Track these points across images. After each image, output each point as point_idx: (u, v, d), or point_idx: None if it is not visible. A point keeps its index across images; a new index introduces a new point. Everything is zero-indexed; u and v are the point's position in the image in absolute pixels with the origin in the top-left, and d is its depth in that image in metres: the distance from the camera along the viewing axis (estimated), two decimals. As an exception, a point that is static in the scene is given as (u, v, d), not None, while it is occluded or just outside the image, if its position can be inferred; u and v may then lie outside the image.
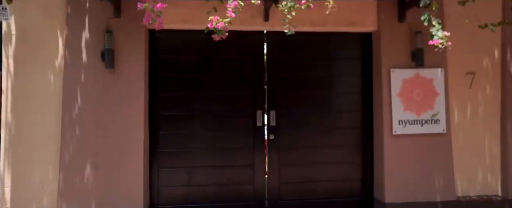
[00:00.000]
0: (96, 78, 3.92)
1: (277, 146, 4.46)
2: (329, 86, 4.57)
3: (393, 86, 4.26)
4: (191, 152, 4.33)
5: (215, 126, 4.35)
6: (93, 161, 3.88)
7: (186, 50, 4.36)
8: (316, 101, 4.53)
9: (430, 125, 4.27)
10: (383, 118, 4.28)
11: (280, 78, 4.48)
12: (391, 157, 4.26)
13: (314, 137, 4.50)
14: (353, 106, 4.59)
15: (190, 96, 4.34)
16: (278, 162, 4.48)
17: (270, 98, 4.46)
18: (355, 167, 4.59)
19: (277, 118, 4.44)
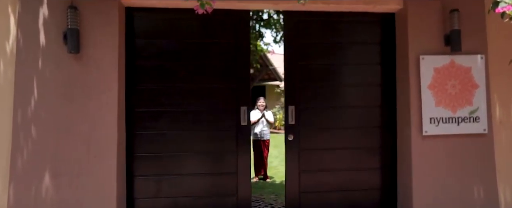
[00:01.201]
0: (58, 65, 3.17)
1: (297, 148, 3.73)
2: (343, 77, 3.82)
3: (422, 76, 3.50)
4: (170, 156, 3.59)
5: (189, 126, 3.62)
6: (54, 168, 3.12)
7: (171, 34, 3.62)
8: (336, 94, 3.82)
9: (468, 124, 3.51)
10: (411, 115, 3.52)
11: (300, 67, 3.75)
12: (421, 162, 3.51)
13: (336, 138, 3.79)
14: (372, 101, 3.84)
15: (173, 89, 3.60)
16: (299, 168, 3.76)
17: (289, 91, 3.73)
18: (373, 174, 3.84)
19: (297, 115, 3.70)
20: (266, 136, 6.91)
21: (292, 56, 3.74)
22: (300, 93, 3.73)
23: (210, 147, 3.62)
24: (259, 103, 6.95)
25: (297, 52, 3.74)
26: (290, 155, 3.73)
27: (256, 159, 6.90)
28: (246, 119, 3.61)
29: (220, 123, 3.62)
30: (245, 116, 3.61)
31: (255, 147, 6.92)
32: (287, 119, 3.71)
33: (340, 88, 3.82)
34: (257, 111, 6.93)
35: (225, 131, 3.62)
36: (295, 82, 3.73)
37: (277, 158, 9.38)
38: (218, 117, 3.62)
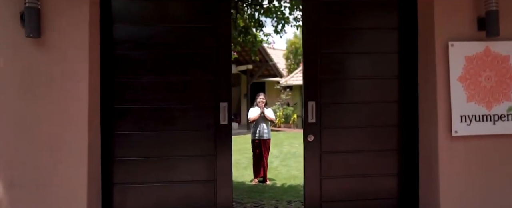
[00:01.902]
0: (14, 52, 2.62)
1: (318, 151, 3.22)
2: (364, 68, 3.30)
3: (452, 66, 2.96)
4: (134, 161, 3.07)
5: (160, 125, 3.10)
6: (8, 177, 2.59)
7: (140, 17, 3.09)
8: (358, 88, 3.31)
9: (506, 123, 2.97)
10: (438, 112, 2.98)
11: (322, 56, 3.23)
12: (450, 168, 2.97)
13: (359, 138, 3.30)
14: (388, 96, 3.31)
15: (138, 84, 3.08)
16: (320, 174, 3.24)
17: (309, 84, 3.22)
18: (388, 181, 3.31)
19: (318, 113, 3.19)
20: (267, 136, 6.37)
21: (312, 44, 3.22)
22: (322, 87, 3.22)
23: (183, 150, 3.10)
24: (259, 99, 6.41)
25: (319, 39, 3.22)
26: (310, 158, 3.22)
27: (256, 160, 6.37)
28: (227, 117, 3.09)
29: (196, 122, 3.10)
30: (225, 114, 3.09)
31: (255, 147, 6.38)
32: (306, 117, 3.20)
33: (359, 80, 3.29)
34: (256, 109, 6.39)
35: (202, 132, 3.10)
36: (315, 74, 3.21)
37: (278, 158, 8.85)
38: (194, 115, 3.10)
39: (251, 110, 6.49)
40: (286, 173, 7.05)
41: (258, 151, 6.32)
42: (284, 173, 7.05)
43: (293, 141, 12.62)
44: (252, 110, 6.44)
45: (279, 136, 13.75)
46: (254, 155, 6.43)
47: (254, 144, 6.38)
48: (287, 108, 17.39)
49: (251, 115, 6.38)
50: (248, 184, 6.24)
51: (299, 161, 8.37)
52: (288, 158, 8.86)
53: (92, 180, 2.77)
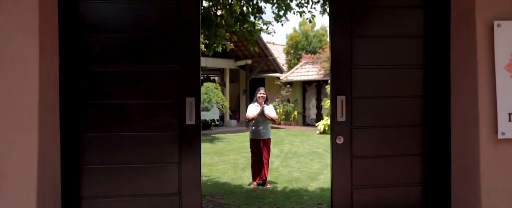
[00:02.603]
0: None
1: (349, 156, 2.69)
2: (390, 56, 2.74)
3: (497, 52, 2.38)
4: (118, 170, 2.53)
5: (115, 125, 2.54)
6: None
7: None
8: (387, 80, 2.75)
9: None
10: (479, 109, 2.41)
11: (353, 42, 2.68)
12: (495, 179, 2.40)
13: (391, 140, 2.76)
14: (411, 89, 2.73)
15: (107, 75, 2.52)
16: (351, 183, 2.70)
17: (338, 75, 2.68)
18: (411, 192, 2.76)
19: (349, 109, 2.66)
20: (267, 135, 5.78)
21: (341, 27, 2.66)
22: (354, 78, 2.66)
23: (143, 157, 2.53)
24: (259, 94, 5.79)
25: (350, 21, 2.66)
26: (339, 164, 2.68)
27: (255, 161, 5.78)
28: (194, 116, 2.53)
29: (155, 122, 2.54)
30: (192, 111, 2.53)
31: (253, 148, 5.79)
32: (334, 115, 2.66)
33: (387, 70, 2.73)
34: (255, 105, 5.79)
35: (163, 134, 2.54)
36: (346, 63, 2.65)
37: (278, 158, 8.28)
38: (153, 113, 2.54)
39: (250, 107, 5.89)
40: (287, 175, 6.48)
41: (258, 151, 5.74)
42: (286, 175, 6.48)
43: (293, 139, 12.06)
44: (251, 107, 5.85)
45: (279, 134, 13.19)
46: (252, 156, 5.84)
47: (253, 144, 5.79)
48: (287, 104, 16.82)
49: (249, 113, 5.79)
50: (246, 188, 5.66)
51: (301, 161, 7.80)
52: (289, 158, 8.29)
53: (45, 196, 2.19)
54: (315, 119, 16.44)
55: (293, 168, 7.15)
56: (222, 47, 5.52)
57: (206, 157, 8.44)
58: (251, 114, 5.72)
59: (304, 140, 11.84)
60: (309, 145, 10.62)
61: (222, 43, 5.35)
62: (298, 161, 7.87)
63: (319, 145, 10.64)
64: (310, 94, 17.01)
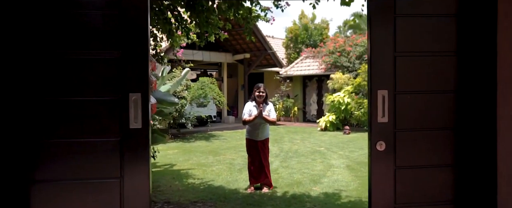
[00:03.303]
0: None
1: (392, 165, 2.19)
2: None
3: None
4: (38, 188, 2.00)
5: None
6: None
7: None
8: (437, 71, 2.24)
9: None
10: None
11: (399, 21, 2.14)
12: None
13: (437, 146, 2.25)
14: (442, 83, 2.19)
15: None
16: (394, 199, 2.20)
17: (379, 65, 2.15)
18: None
19: (392, 108, 2.16)
20: (265, 135, 5.22)
21: (383, 4, 2.12)
22: (397, 68, 2.14)
23: (67, 170, 2.00)
24: (257, 92, 5.17)
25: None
26: (379, 176, 2.17)
27: (252, 163, 5.23)
28: (141, 117, 1.98)
29: (89, 124, 2.00)
30: (138, 111, 1.98)
31: (250, 149, 5.24)
32: (373, 114, 2.15)
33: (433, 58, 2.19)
34: (253, 105, 5.18)
35: (98, 140, 1.99)
36: (388, 49, 2.12)
37: (278, 158, 7.73)
38: (86, 113, 2.00)
39: (247, 106, 5.26)
40: (288, 178, 5.93)
41: (255, 153, 5.19)
42: (286, 178, 5.93)
43: (294, 136, 11.52)
44: (248, 106, 5.23)
45: (279, 130, 12.64)
46: (249, 157, 5.29)
47: (250, 144, 5.23)
48: (287, 100, 16.27)
49: (246, 115, 5.15)
50: (242, 192, 5.12)
51: (302, 162, 7.25)
52: (289, 158, 7.75)
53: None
54: (316, 115, 15.91)
55: (293, 169, 6.60)
56: (215, 37, 4.95)
57: (201, 157, 7.90)
58: (247, 116, 5.13)
59: (305, 137, 11.30)
60: (310, 143, 10.08)
61: (215, 32, 4.78)
62: (299, 161, 7.33)
63: (321, 143, 10.10)
64: (311, 89, 16.46)
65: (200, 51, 13.86)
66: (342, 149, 8.86)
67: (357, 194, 4.93)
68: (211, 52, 14.57)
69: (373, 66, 2.10)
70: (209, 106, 12.74)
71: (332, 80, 13.63)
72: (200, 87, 11.12)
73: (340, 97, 13.02)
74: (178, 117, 10.28)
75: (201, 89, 11.04)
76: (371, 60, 2.13)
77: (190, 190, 5.23)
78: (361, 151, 8.59)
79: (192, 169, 6.67)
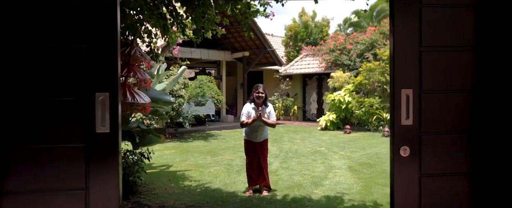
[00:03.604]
0: None
1: (417, 173, 1.97)
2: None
3: None
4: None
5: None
6: None
7: None
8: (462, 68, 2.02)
9: None
10: None
11: (426, 11, 1.92)
12: None
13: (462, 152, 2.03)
14: (458, 80, 1.99)
15: None
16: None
17: (403, 61, 1.92)
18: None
19: (418, 109, 1.95)
20: (264, 136, 5.00)
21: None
22: (423, 65, 1.92)
23: (26, 181, 1.76)
24: (256, 93, 4.93)
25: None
26: (403, 184, 1.96)
27: (250, 164, 5.02)
28: (108, 120, 1.78)
29: (49, 128, 1.77)
30: (105, 114, 1.77)
31: (249, 150, 5.02)
32: (395, 115, 1.95)
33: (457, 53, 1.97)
34: (251, 106, 4.94)
35: (61, 146, 1.76)
36: (413, 42, 1.90)
37: (277, 158, 7.52)
38: (46, 115, 1.77)
39: (245, 107, 5.03)
40: (288, 180, 5.72)
41: (253, 154, 4.97)
42: (286, 180, 5.72)
43: (294, 136, 11.30)
44: (246, 107, 4.99)
45: (278, 130, 12.42)
46: (247, 159, 5.07)
47: (248, 146, 5.02)
48: (287, 99, 16.04)
49: (244, 116, 4.92)
50: (240, 196, 4.90)
51: (302, 163, 7.04)
52: (289, 158, 7.53)
53: None
54: (316, 114, 15.70)
55: (294, 170, 6.39)
56: (212, 33, 4.72)
57: (199, 157, 7.68)
58: (245, 118, 4.90)
59: (305, 137, 11.09)
60: (310, 143, 9.87)
61: (212, 27, 4.54)
62: (299, 162, 7.11)
63: (321, 142, 9.88)
64: (311, 88, 16.24)
65: (199, 49, 13.62)
66: (343, 149, 8.65)
67: (361, 198, 4.71)
68: (209, 50, 14.33)
69: (396, 63, 1.88)
70: (208, 105, 12.51)
71: (332, 79, 13.41)
72: (198, 86, 10.89)
73: (341, 96, 12.81)
74: (175, 116, 10.05)
75: (199, 87, 10.81)
76: (393, 55, 1.90)
77: (186, 193, 5.01)
78: (362, 151, 8.38)
79: (189, 170, 6.45)
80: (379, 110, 11.99)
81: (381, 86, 12.26)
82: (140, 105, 4.44)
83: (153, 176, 5.93)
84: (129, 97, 4.32)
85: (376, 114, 12.01)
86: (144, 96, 4.51)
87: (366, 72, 12.32)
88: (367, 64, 12.40)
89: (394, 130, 1.92)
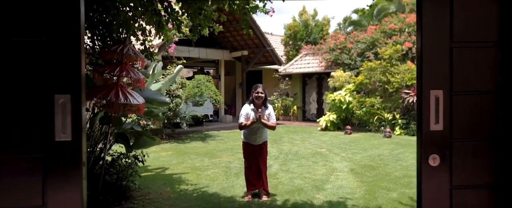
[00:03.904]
0: None
1: (447, 185, 1.76)
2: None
3: None
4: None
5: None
6: None
7: None
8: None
9: None
10: None
11: (456, 6, 1.71)
12: None
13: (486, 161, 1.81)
14: (491, 80, 1.77)
15: None
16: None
17: (432, 59, 1.70)
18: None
19: (448, 112, 1.73)
20: (263, 138, 4.78)
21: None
22: (454, 63, 1.70)
23: None
24: (255, 94, 4.68)
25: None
26: (431, 198, 1.73)
27: (248, 168, 4.80)
28: (70, 127, 1.56)
29: (4, 136, 1.53)
30: (67, 119, 1.54)
31: (247, 153, 4.80)
32: (423, 120, 1.72)
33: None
34: (250, 108, 4.70)
35: (14, 157, 1.53)
36: (443, 38, 1.68)
37: (277, 160, 7.30)
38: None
39: (244, 108, 4.79)
40: (288, 183, 5.50)
41: (252, 157, 4.75)
42: (286, 183, 5.50)
43: (293, 136, 11.09)
44: (245, 108, 4.75)
45: (278, 130, 12.17)
46: (246, 162, 4.85)
47: (247, 148, 4.80)
48: (286, 98, 15.83)
49: (242, 118, 4.68)
50: (239, 201, 4.69)
51: (303, 165, 6.82)
52: (289, 160, 7.31)
53: None
54: (316, 114, 15.49)
55: (294, 173, 6.17)
56: (209, 30, 4.50)
57: (196, 159, 7.46)
58: (244, 120, 4.67)
59: (305, 138, 10.87)
60: (310, 144, 9.65)
61: (209, 24, 4.32)
62: (300, 164, 6.90)
63: (322, 143, 9.67)
64: (311, 88, 16.03)
65: (196, 48, 13.39)
66: (345, 151, 8.44)
67: (364, 203, 4.50)
68: (207, 49, 14.10)
69: (424, 60, 1.66)
70: (206, 105, 12.29)
71: (333, 78, 13.19)
72: (196, 85, 10.66)
73: (341, 96, 12.60)
74: (172, 117, 9.82)
75: (196, 87, 10.58)
76: (421, 52, 1.68)
77: (182, 198, 4.79)
78: (364, 152, 8.17)
79: (185, 173, 6.23)
80: (380, 110, 11.79)
81: (382, 85, 12.06)
82: (134, 106, 4.23)
83: (148, 179, 5.71)
84: (122, 98, 4.10)
85: (377, 115, 11.81)
86: (137, 96, 4.29)
87: (367, 71, 12.12)
88: (368, 63, 12.19)
89: (422, 136, 1.70)
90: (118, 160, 4.81)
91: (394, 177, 5.84)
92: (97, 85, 4.28)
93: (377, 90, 12.28)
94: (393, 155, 7.78)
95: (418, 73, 1.70)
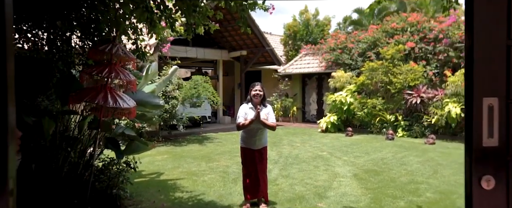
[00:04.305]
0: None
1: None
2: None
3: None
4: None
5: None
6: None
7: None
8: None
9: None
10: None
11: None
12: None
13: None
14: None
15: None
16: None
17: (482, 58, 1.37)
18: None
19: (504, 124, 1.37)
20: (263, 143, 4.49)
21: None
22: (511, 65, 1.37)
23: None
24: (254, 92, 4.42)
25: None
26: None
27: (247, 175, 4.51)
28: None
29: None
30: None
31: (245, 159, 4.52)
32: (474, 133, 1.40)
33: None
34: (249, 107, 4.43)
35: None
36: (498, 35, 1.37)
37: (277, 164, 7.01)
38: None
39: (241, 108, 4.51)
40: (289, 190, 5.22)
41: (251, 164, 4.47)
42: (287, 190, 5.22)
43: (293, 138, 10.81)
44: (243, 108, 4.48)
45: (277, 132, 11.89)
46: (244, 168, 4.57)
47: (245, 154, 4.51)
48: (286, 99, 15.55)
49: (240, 118, 4.39)
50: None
51: (304, 170, 6.54)
52: (289, 165, 7.03)
53: None
54: (316, 115, 15.21)
55: (295, 179, 5.89)
56: (204, 28, 4.22)
57: (192, 163, 7.17)
58: (242, 120, 4.39)
59: (305, 140, 10.59)
60: (311, 146, 9.37)
61: (205, 22, 4.04)
62: (301, 169, 6.61)
63: (323, 146, 9.39)
64: (311, 88, 15.75)
65: (194, 48, 13.11)
66: (346, 154, 8.16)
67: (371, 213, 4.23)
68: (205, 49, 13.82)
69: (475, 62, 1.35)
70: (204, 106, 11.99)
71: (333, 79, 12.92)
72: (193, 86, 10.37)
73: (342, 97, 12.33)
74: (169, 119, 9.53)
75: (193, 88, 10.29)
76: (472, 52, 1.38)
77: (176, 206, 4.51)
78: (367, 156, 7.89)
79: (181, 179, 5.94)
80: (382, 112, 11.52)
81: (384, 86, 11.79)
82: (124, 109, 3.95)
83: (141, 186, 5.42)
84: (111, 101, 3.81)
85: (379, 116, 11.54)
86: (128, 99, 4.00)
87: (368, 71, 11.85)
88: (370, 63, 11.92)
89: (473, 153, 1.38)
90: (109, 167, 4.53)
91: (400, 183, 5.56)
92: (85, 87, 4.00)
93: (379, 91, 12.02)
94: (397, 159, 7.51)
95: (467, 77, 1.40)
